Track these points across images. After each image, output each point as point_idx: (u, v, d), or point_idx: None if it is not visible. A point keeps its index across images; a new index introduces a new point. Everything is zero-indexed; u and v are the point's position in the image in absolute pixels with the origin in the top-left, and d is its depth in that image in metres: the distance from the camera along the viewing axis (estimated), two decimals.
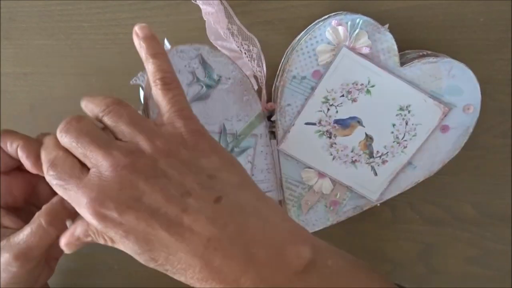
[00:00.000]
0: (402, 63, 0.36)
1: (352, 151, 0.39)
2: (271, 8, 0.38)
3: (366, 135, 0.39)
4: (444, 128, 0.38)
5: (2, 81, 0.43)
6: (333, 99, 0.37)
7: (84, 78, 0.42)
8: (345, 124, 0.38)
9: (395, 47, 0.36)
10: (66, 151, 0.27)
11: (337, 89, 0.37)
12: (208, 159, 0.28)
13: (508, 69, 0.39)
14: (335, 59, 0.36)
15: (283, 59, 0.39)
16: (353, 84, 0.37)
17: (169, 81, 0.29)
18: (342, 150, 0.39)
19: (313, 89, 0.37)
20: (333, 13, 0.37)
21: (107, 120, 0.28)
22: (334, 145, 0.39)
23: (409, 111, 0.37)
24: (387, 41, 0.36)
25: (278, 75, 0.39)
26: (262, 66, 0.38)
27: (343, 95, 0.37)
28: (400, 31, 0.38)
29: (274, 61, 0.39)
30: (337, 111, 0.38)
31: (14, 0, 0.40)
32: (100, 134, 0.27)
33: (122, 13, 0.39)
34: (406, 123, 0.38)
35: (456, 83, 0.36)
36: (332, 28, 0.35)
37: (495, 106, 0.40)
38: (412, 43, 0.38)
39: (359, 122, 0.38)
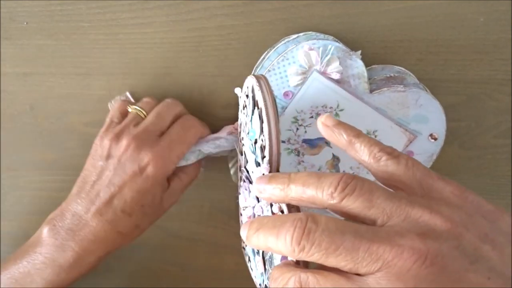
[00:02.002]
0: (372, 90, 0.37)
1: (319, 169, 0.40)
2: (271, 8, 0.38)
3: (333, 155, 0.39)
4: (409, 154, 0.39)
5: (2, 81, 0.43)
6: (302, 119, 0.38)
7: (84, 78, 0.42)
8: (313, 144, 0.39)
9: (365, 73, 0.36)
10: (309, 272, 0.21)
11: (306, 110, 0.37)
12: (501, 220, 0.22)
13: (508, 69, 0.39)
14: (306, 82, 0.36)
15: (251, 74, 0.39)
16: (322, 107, 0.37)
17: (390, 149, 0.25)
18: (309, 168, 0.40)
19: (283, 108, 0.37)
20: (303, 33, 0.37)
21: (351, 202, 0.22)
22: (302, 163, 0.40)
23: (375, 136, 0.38)
24: (358, 68, 0.36)
25: None
26: None
27: (312, 117, 0.38)
28: (400, 31, 0.38)
29: None
30: (305, 131, 0.38)
31: (14, 0, 0.40)
32: (357, 226, 0.21)
33: (122, 13, 0.39)
34: None
35: (423, 112, 0.37)
36: (304, 52, 0.35)
37: (495, 106, 0.40)
38: (412, 43, 0.38)
39: (327, 143, 0.39)
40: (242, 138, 0.35)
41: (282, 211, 0.26)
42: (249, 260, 0.37)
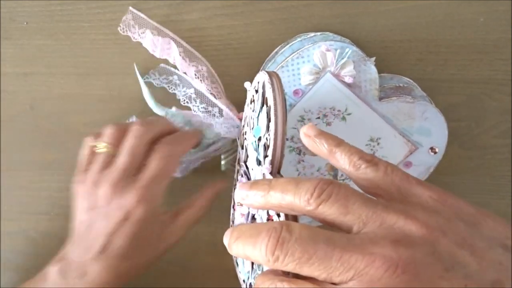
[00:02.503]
0: (380, 98, 0.37)
1: (318, 170, 0.40)
2: (271, 8, 0.38)
3: None
4: (408, 164, 0.39)
5: (2, 81, 0.43)
6: (309, 119, 0.38)
7: (84, 78, 0.42)
8: None
9: (377, 81, 0.36)
10: (286, 280, 0.21)
11: (314, 110, 0.37)
12: (482, 224, 0.22)
13: (508, 69, 0.39)
14: (317, 82, 0.36)
15: (261, 68, 0.39)
16: (330, 108, 0.37)
17: (370, 157, 0.25)
18: (308, 168, 0.40)
19: (291, 106, 0.37)
20: (320, 33, 0.37)
21: (327, 208, 0.21)
22: (302, 162, 0.40)
23: (378, 143, 0.38)
24: (371, 74, 0.36)
25: None
26: (218, 82, 0.38)
27: (319, 117, 0.38)
28: (400, 31, 0.38)
29: None
30: None
31: (14, 0, 0.40)
32: (331, 234, 0.21)
33: (122, 13, 0.39)
34: (374, 154, 0.38)
35: (427, 125, 0.38)
36: (321, 53, 0.35)
37: (495, 106, 0.40)
38: (412, 43, 0.38)
39: None
40: (245, 132, 0.35)
41: (278, 215, 0.25)
42: None
